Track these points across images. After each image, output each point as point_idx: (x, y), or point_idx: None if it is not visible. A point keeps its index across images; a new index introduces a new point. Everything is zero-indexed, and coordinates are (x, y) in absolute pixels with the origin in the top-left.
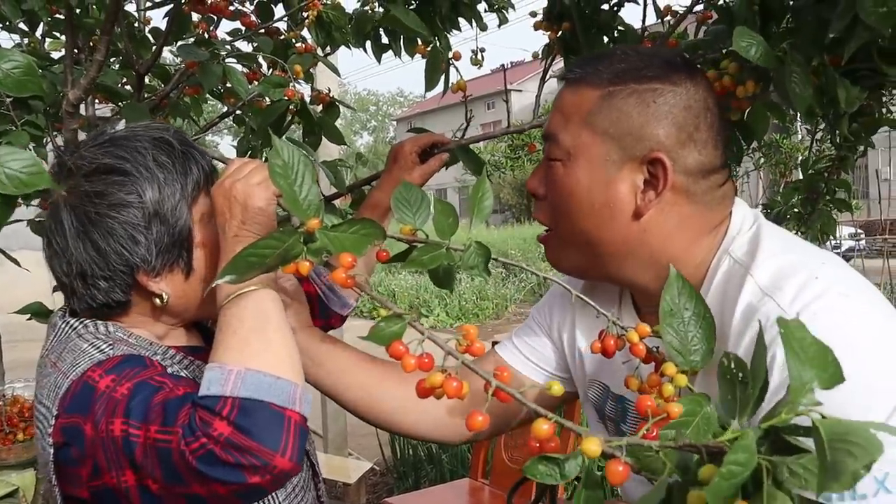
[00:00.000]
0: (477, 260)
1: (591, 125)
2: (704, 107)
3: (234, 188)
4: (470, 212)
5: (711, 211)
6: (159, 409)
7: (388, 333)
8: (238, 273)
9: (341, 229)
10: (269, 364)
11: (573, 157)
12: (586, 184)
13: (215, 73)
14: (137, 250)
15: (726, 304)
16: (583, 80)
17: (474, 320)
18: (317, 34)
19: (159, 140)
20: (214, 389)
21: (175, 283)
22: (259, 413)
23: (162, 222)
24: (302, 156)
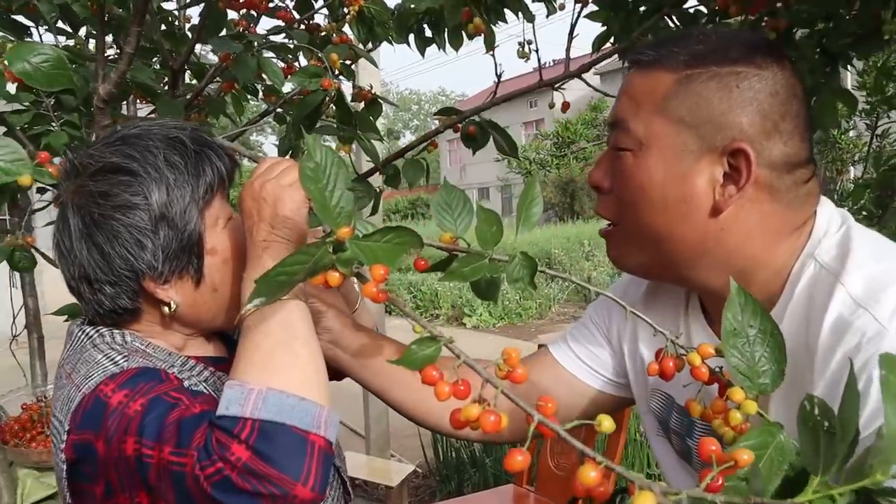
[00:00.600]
0: (522, 272)
1: (665, 112)
2: (792, 94)
3: (264, 189)
4: (517, 218)
5: (795, 210)
6: (174, 428)
7: (420, 357)
8: (268, 296)
9: (374, 238)
10: (294, 383)
11: (645, 147)
12: (659, 176)
13: (249, 65)
14: (143, 255)
15: (812, 314)
16: (657, 62)
17: (517, 320)
18: (358, 30)
19: (173, 139)
20: (233, 410)
21: (185, 291)
22: (280, 437)
23: (170, 226)
24: (336, 158)
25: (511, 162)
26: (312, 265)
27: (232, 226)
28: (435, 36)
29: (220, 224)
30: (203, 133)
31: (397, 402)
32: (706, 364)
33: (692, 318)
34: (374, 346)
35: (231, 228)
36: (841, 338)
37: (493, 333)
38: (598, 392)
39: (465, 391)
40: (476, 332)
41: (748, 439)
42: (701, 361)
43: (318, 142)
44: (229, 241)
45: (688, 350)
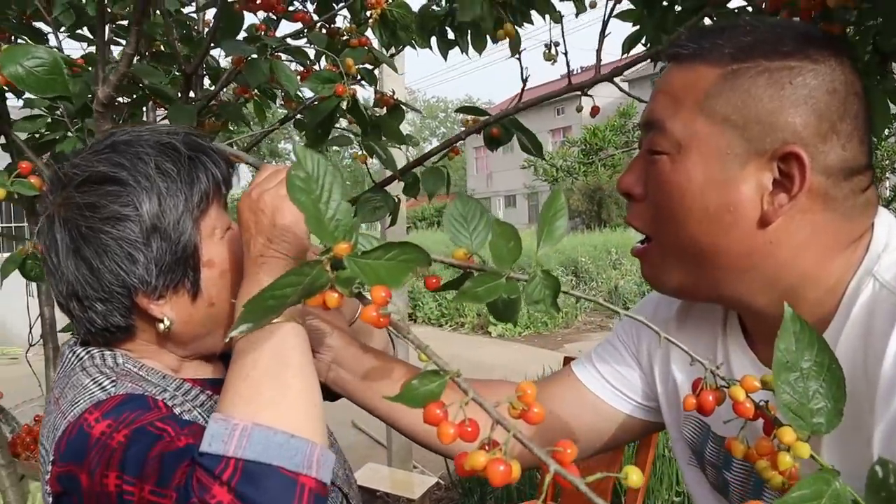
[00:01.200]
0: (544, 293)
1: (708, 111)
2: (852, 91)
3: (262, 200)
4: (538, 232)
5: (852, 221)
6: (156, 463)
7: (422, 394)
8: (255, 321)
9: (375, 255)
10: (283, 418)
11: (684, 150)
12: (700, 182)
13: (262, 69)
14: (135, 270)
15: (872, 339)
16: (698, 56)
17: (543, 329)
18: (381, 34)
19: (165, 145)
20: (216, 447)
21: (180, 307)
22: (266, 479)
23: (162, 238)
24: (330, 166)
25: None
26: (307, 286)
27: (230, 236)
28: (458, 39)
29: (218, 234)
30: (198, 137)
31: (407, 429)
32: (751, 399)
33: (731, 339)
34: (381, 369)
35: (229, 239)
36: None
37: (518, 342)
38: (627, 416)
39: (473, 433)
40: (501, 340)
41: (801, 488)
42: (745, 396)
43: (309, 149)
44: (227, 252)
45: (730, 382)
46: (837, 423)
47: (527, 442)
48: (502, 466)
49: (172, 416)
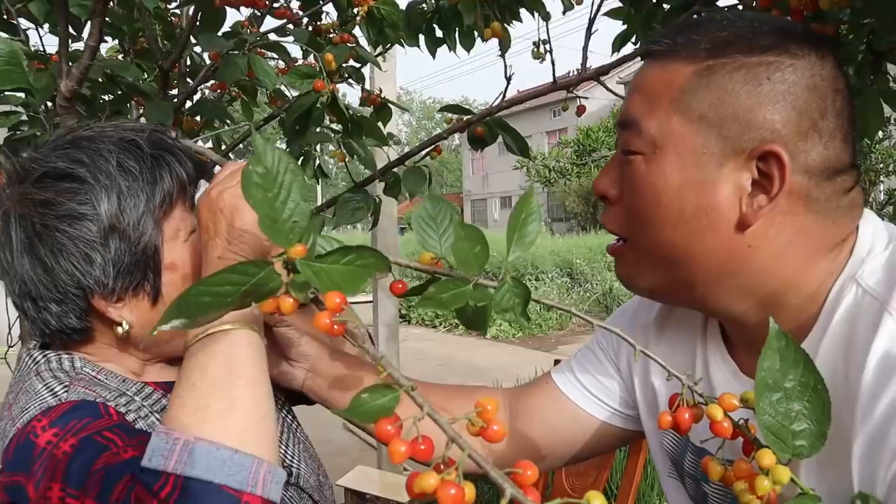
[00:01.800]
0: (513, 301)
1: (684, 109)
2: (833, 88)
3: (221, 199)
4: (508, 237)
5: (835, 223)
6: (99, 476)
7: (372, 409)
8: (188, 317)
9: (331, 260)
10: (229, 432)
11: (659, 150)
12: (676, 183)
13: (239, 64)
14: (91, 271)
15: (854, 348)
16: (673, 52)
17: (537, 331)
18: (368, 31)
19: (128, 142)
20: (156, 462)
21: (140, 311)
22: (206, 498)
23: (122, 238)
24: (291, 164)
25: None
26: (252, 288)
27: (195, 239)
28: (446, 37)
29: (182, 237)
30: (163, 135)
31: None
32: (729, 418)
33: (711, 346)
34: (355, 377)
35: (193, 242)
36: (888, 379)
37: (512, 344)
38: (605, 424)
39: (427, 451)
40: (495, 342)
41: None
42: (723, 416)
43: (271, 144)
44: (190, 255)
45: (707, 400)
46: (820, 447)
47: (482, 462)
48: (453, 490)
49: (121, 425)
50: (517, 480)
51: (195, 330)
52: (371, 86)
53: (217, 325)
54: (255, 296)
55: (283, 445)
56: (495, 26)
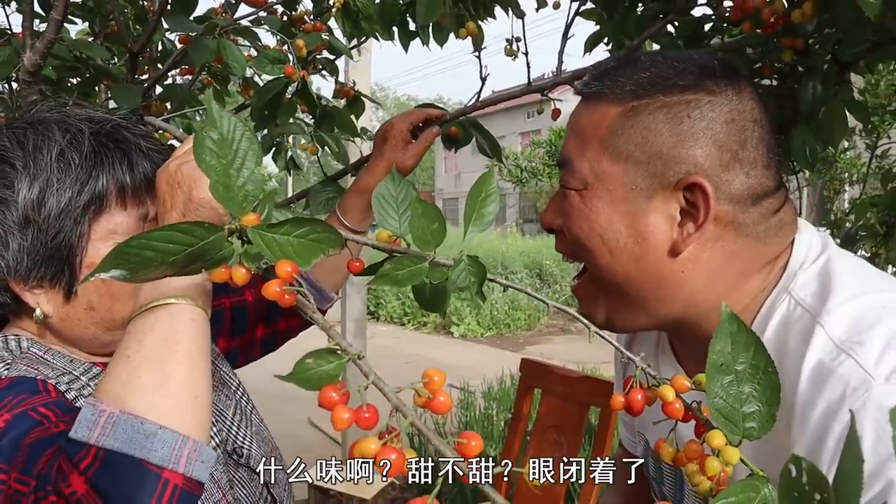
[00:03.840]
0: (469, 280)
1: (612, 149)
2: (751, 119)
3: (179, 172)
4: (466, 217)
5: (765, 244)
6: (27, 450)
7: (316, 375)
8: (127, 269)
9: (283, 230)
10: (157, 407)
11: (591, 187)
12: (608, 215)
13: (208, 47)
14: (5, 254)
15: (787, 359)
16: (601, 94)
17: (506, 331)
18: (343, 23)
19: (79, 133)
20: (80, 433)
21: (55, 303)
22: (125, 472)
23: (38, 230)
24: (247, 132)
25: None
26: (200, 251)
27: None
28: (419, 31)
29: (117, 239)
30: (127, 130)
31: None
32: (681, 399)
33: (662, 357)
34: None
35: None
36: (821, 388)
37: (480, 343)
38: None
39: (371, 419)
40: (463, 340)
41: (728, 495)
42: (675, 396)
43: (226, 112)
44: None
45: (660, 381)
46: (769, 428)
47: (424, 430)
48: (394, 455)
49: (58, 402)
50: (461, 450)
51: (143, 298)
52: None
53: (160, 297)
54: (203, 261)
55: (236, 427)
56: (470, 26)
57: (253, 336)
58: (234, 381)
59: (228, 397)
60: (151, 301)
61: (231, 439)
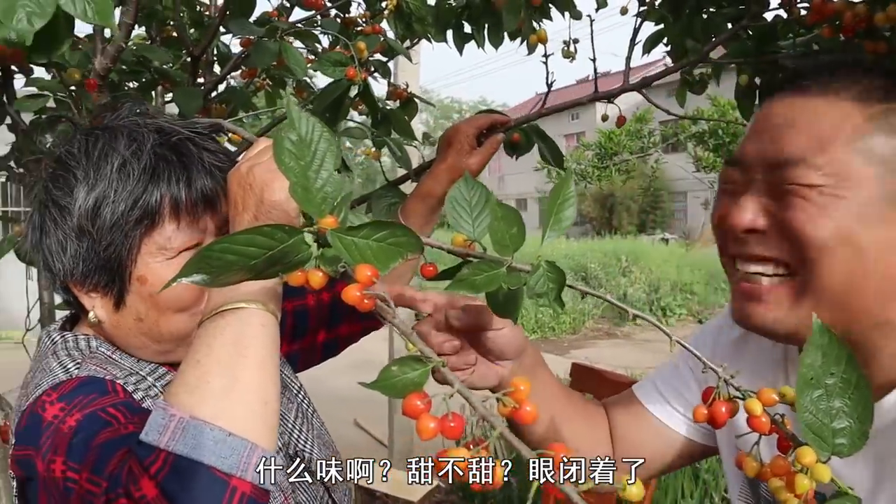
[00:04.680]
0: (547, 286)
1: (863, 150)
2: None
3: (251, 174)
4: (545, 220)
5: None
6: (98, 451)
7: (401, 382)
8: (208, 273)
9: (362, 233)
10: (226, 413)
11: (835, 187)
12: (851, 219)
13: (270, 50)
14: (63, 258)
15: None
16: (839, 91)
17: (550, 334)
18: (396, 25)
19: (141, 147)
20: (151, 437)
21: (108, 310)
22: (194, 478)
23: (92, 239)
24: (325, 133)
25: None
26: (279, 255)
27: (182, 261)
28: (475, 33)
29: (166, 255)
30: (194, 143)
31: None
32: (767, 413)
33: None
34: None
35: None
36: None
37: None
38: (686, 439)
39: (457, 429)
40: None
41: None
42: (762, 410)
43: (305, 113)
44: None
45: (745, 394)
46: (861, 446)
47: (515, 442)
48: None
49: (126, 403)
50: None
51: (214, 302)
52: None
53: (231, 301)
54: (282, 265)
55: (297, 430)
56: (542, 34)
57: (314, 340)
58: (296, 384)
59: (290, 400)
60: (222, 305)
61: (293, 442)
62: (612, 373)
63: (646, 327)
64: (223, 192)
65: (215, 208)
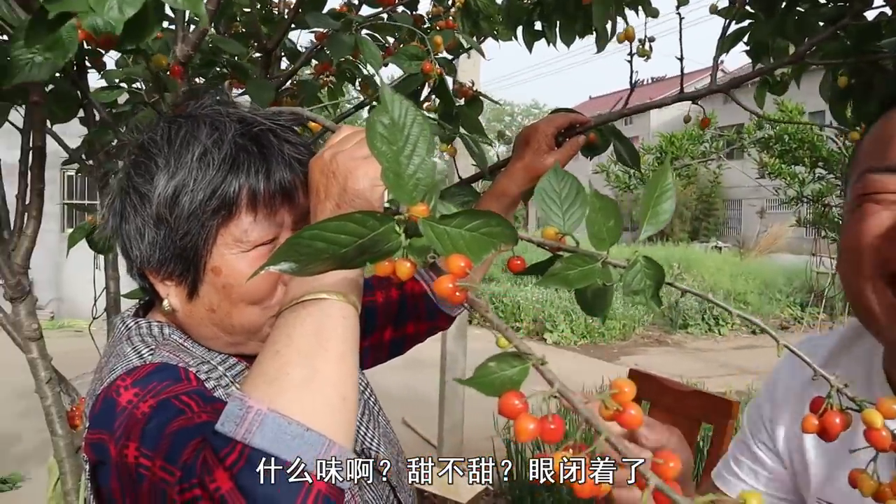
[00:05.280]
0: (644, 282)
1: None
2: None
3: (334, 162)
4: (642, 214)
5: None
6: (171, 438)
7: (499, 380)
8: (297, 261)
9: (456, 223)
10: (305, 406)
11: None
12: None
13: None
14: (140, 245)
15: None
16: None
17: (600, 340)
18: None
19: (222, 136)
20: (228, 428)
21: (181, 299)
22: (271, 473)
23: (169, 228)
24: (419, 117)
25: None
26: (369, 243)
27: (259, 255)
28: (546, 30)
29: (242, 247)
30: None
31: None
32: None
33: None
34: None
35: (257, 257)
36: None
37: (573, 351)
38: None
39: (557, 431)
40: (556, 348)
41: None
42: (882, 423)
43: (398, 95)
44: (243, 269)
45: (861, 405)
46: None
47: (622, 447)
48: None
49: (199, 391)
50: (659, 471)
51: (294, 292)
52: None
53: (313, 292)
54: (371, 254)
55: (364, 428)
56: (630, 31)
57: (381, 338)
58: (363, 381)
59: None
60: (303, 295)
61: (359, 440)
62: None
63: (697, 336)
64: (302, 186)
65: (293, 202)
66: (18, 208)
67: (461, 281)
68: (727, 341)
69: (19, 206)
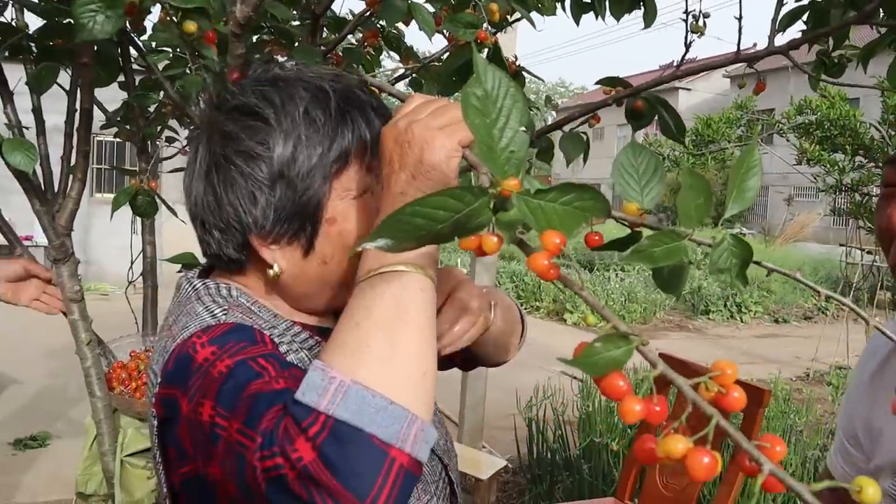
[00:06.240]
0: (730, 261)
1: None
2: None
3: (410, 131)
4: (729, 191)
5: None
6: (249, 401)
7: (604, 360)
8: (395, 238)
9: (549, 197)
10: (386, 380)
11: None
12: None
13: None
14: (253, 210)
15: None
16: None
17: None
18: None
19: (321, 90)
20: (309, 398)
21: (292, 259)
22: (354, 444)
23: (288, 186)
24: (512, 88)
25: None
26: (463, 218)
27: (363, 201)
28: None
29: (351, 195)
30: (357, 90)
31: None
32: None
33: None
34: None
35: (362, 203)
36: None
37: (593, 333)
38: None
39: (662, 413)
40: (576, 329)
41: None
42: None
43: (492, 66)
44: (355, 214)
45: None
46: None
47: (732, 431)
48: (707, 458)
49: (275, 355)
50: (769, 455)
51: (369, 263)
52: None
53: (392, 264)
54: (464, 230)
55: None
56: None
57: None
58: None
59: None
60: (381, 267)
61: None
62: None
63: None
64: None
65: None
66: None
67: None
68: (749, 329)
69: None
